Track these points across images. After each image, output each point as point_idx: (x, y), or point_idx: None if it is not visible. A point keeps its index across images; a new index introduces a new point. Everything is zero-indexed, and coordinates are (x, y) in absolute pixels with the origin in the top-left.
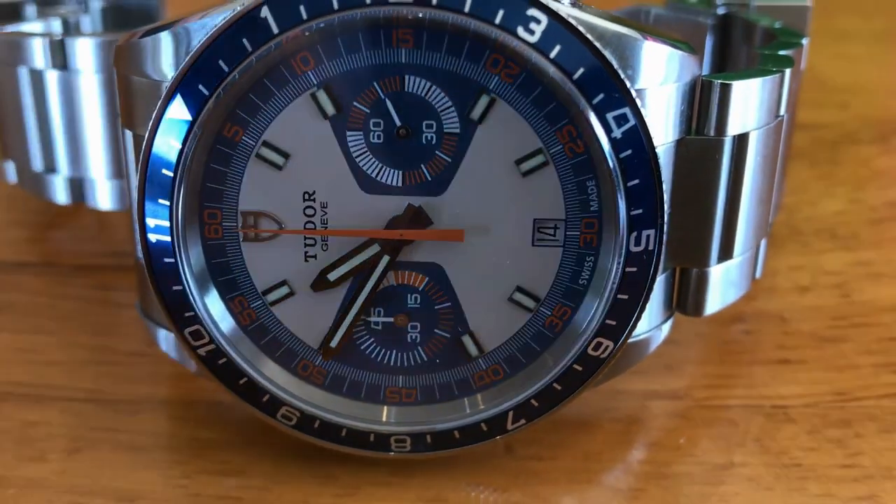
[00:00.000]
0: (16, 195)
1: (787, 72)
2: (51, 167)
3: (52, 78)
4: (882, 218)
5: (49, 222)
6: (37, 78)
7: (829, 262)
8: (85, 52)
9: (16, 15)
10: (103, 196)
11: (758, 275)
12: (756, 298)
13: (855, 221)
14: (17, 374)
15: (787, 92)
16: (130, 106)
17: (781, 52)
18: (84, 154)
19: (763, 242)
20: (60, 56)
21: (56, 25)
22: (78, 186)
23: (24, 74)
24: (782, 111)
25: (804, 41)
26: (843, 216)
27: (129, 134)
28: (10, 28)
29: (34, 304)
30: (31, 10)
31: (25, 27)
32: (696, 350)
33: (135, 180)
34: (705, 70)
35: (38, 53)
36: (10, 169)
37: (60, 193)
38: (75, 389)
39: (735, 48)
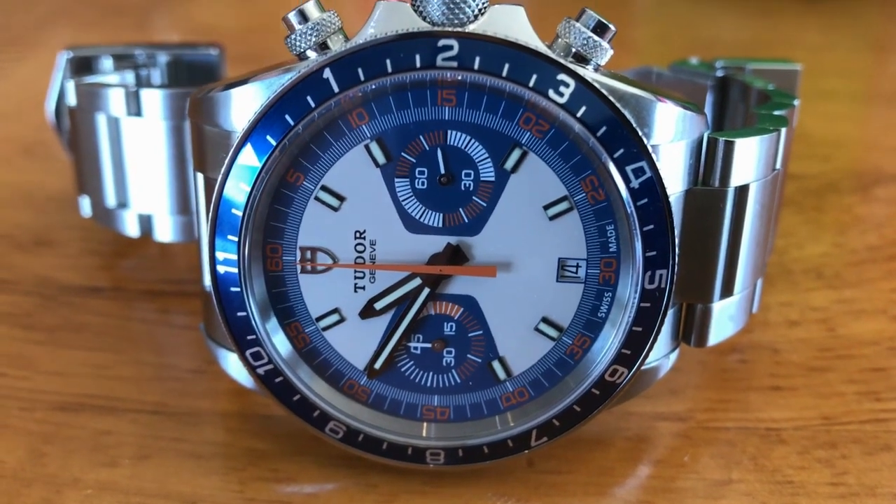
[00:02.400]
0: (89, 227)
1: (783, 130)
2: (122, 203)
3: (126, 124)
4: (862, 260)
5: (118, 251)
6: (113, 124)
7: (815, 299)
8: (155, 102)
9: (91, 67)
10: (166, 230)
11: (754, 310)
12: (751, 331)
13: (838, 263)
14: (91, 388)
15: (782, 148)
16: (203, 152)
17: (776, 113)
18: (151, 192)
19: (759, 281)
20: (135, 104)
21: (130, 77)
22: (146, 221)
23: (101, 120)
24: (778, 165)
25: (795, 102)
26: (827, 258)
27: (200, 176)
28: (91, 79)
29: (105, 325)
30: (107, 62)
31: (105, 79)
32: (697, 377)
33: (204, 218)
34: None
35: (116, 102)
36: (86, 203)
37: (131, 227)
38: (143, 402)
39: (733, 107)
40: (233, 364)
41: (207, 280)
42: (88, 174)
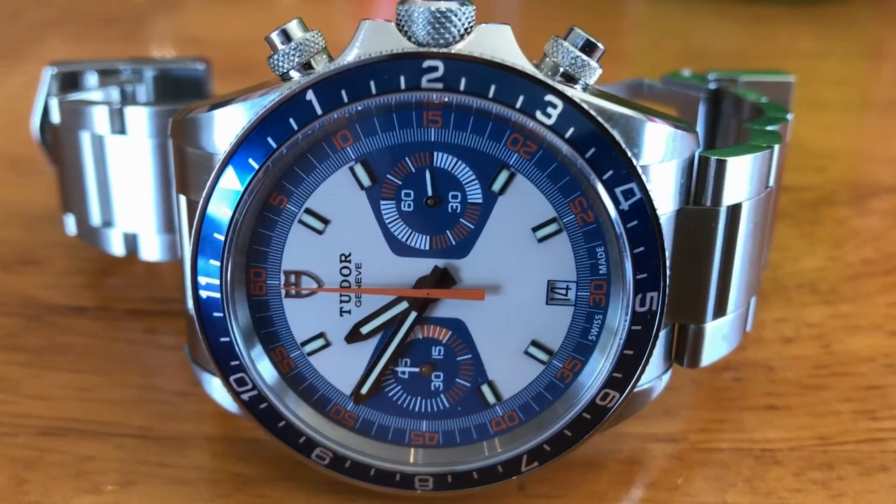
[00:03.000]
0: (74, 244)
1: (776, 147)
2: (108, 221)
3: (111, 142)
4: (858, 274)
5: (103, 270)
6: (97, 142)
7: (810, 314)
8: (140, 120)
9: (76, 83)
10: (152, 248)
11: (748, 328)
12: (745, 348)
13: (833, 277)
14: (75, 411)
15: (775, 165)
16: (185, 174)
17: (769, 128)
18: (137, 210)
19: (753, 299)
20: (119, 122)
21: (115, 94)
22: (131, 240)
23: (85, 138)
24: (771, 182)
25: (789, 116)
26: (822, 272)
27: (182, 198)
28: (75, 96)
29: (91, 346)
30: (92, 78)
31: (89, 96)
32: (691, 396)
33: (187, 241)
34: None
35: (101, 120)
36: (70, 222)
37: (116, 246)
38: (127, 426)
39: (725, 120)
40: (217, 388)
41: (190, 304)
42: (73, 192)
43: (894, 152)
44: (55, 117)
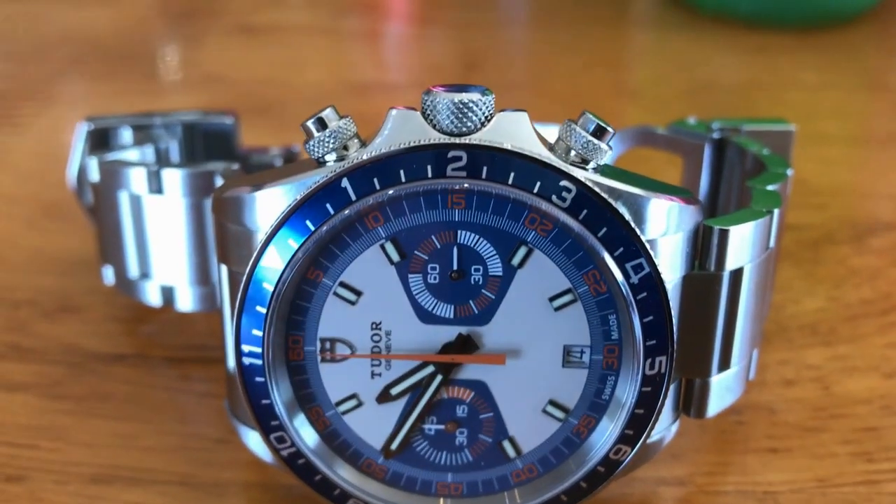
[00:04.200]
0: (110, 291)
1: (776, 211)
2: (145, 273)
3: (148, 201)
4: (856, 315)
5: (138, 317)
6: (135, 201)
7: (810, 356)
8: (176, 181)
9: (110, 138)
10: (187, 300)
11: (751, 377)
12: (748, 392)
13: (833, 318)
14: (120, 458)
15: (776, 227)
16: (226, 246)
17: (770, 188)
18: (173, 264)
19: (755, 351)
20: (156, 183)
21: (149, 153)
22: (168, 291)
23: (123, 197)
24: (771, 244)
25: (789, 172)
26: (822, 313)
27: (224, 268)
28: (113, 156)
29: (131, 394)
30: (126, 133)
31: (126, 155)
32: (697, 439)
33: (228, 306)
34: (703, 182)
35: (138, 181)
36: (109, 273)
37: (153, 297)
38: (170, 473)
39: (728, 169)
40: (254, 440)
41: (231, 363)
42: (111, 245)
43: (893, 188)
44: (94, 175)
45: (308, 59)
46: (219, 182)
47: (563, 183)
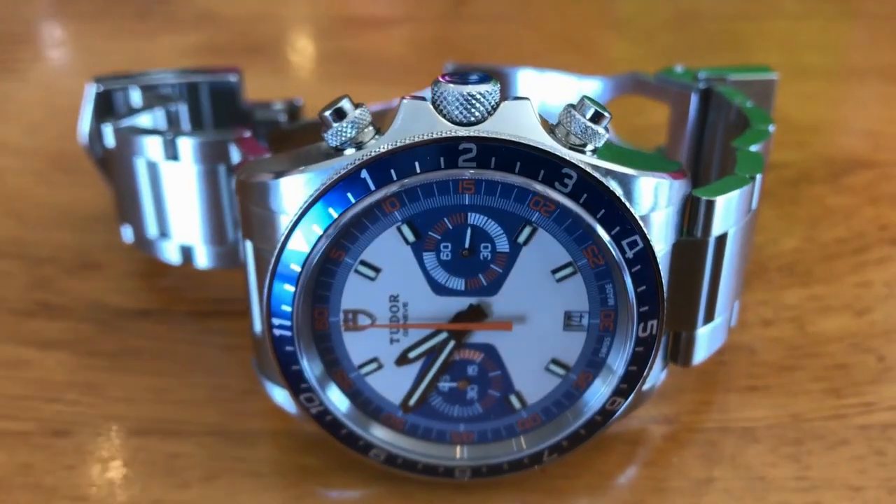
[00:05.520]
0: (127, 248)
1: (759, 176)
2: (163, 233)
3: (164, 167)
4: (831, 255)
5: (157, 272)
6: (152, 167)
7: (788, 297)
8: (190, 148)
9: (112, 100)
10: (204, 258)
11: (733, 324)
12: (730, 333)
13: (809, 259)
14: (156, 412)
15: (758, 189)
16: (250, 225)
17: (753, 149)
18: (189, 225)
19: (737, 303)
20: (172, 150)
21: (161, 117)
22: (187, 250)
23: (140, 163)
24: (754, 206)
25: (771, 128)
26: (799, 254)
27: (249, 244)
28: (127, 122)
29: (159, 349)
30: (135, 94)
31: (139, 120)
32: (682, 379)
33: (254, 278)
34: (689, 128)
35: (154, 149)
36: (128, 232)
37: (172, 255)
38: (203, 424)
39: (714, 117)
40: (280, 395)
41: (258, 327)
42: (129, 207)
43: (869, 123)
44: (110, 141)
45: None
46: (232, 150)
47: (565, 170)
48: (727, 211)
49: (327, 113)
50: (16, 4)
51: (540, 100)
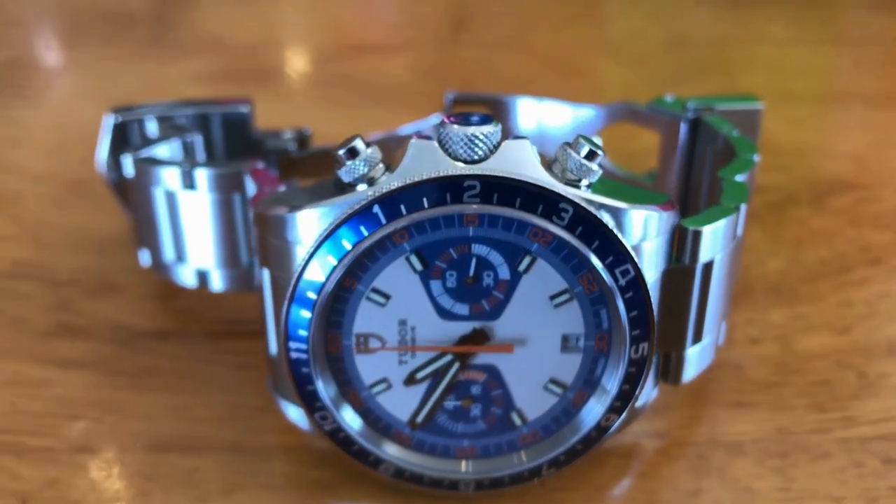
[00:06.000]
0: (144, 270)
1: (743, 206)
2: (180, 257)
3: (182, 196)
4: (815, 275)
5: (172, 294)
6: (170, 196)
7: (773, 316)
8: (207, 179)
9: (134, 129)
10: (218, 281)
11: (720, 343)
12: (718, 351)
13: (793, 279)
14: (175, 428)
15: (742, 217)
16: (267, 254)
17: (739, 178)
18: (205, 250)
19: (723, 324)
20: (189, 180)
21: (177, 147)
22: (202, 274)
23: (158, 192)
24: (739, 233)
25: (756, 158)
26: (784, 275)
27: (266, 272)
28: (146, 153)
29: (177, 369)
30: (152, 125)
31: (156, 151)
32: (673, 395)
33: (269, 302)
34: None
35: (172, 179)
36: (145, 256)
37: (188, 278)
38: (220, 440)
39: (702, 144)
40: (293, 412)
41: (274, 349)
42: (147, 232)
43: (851, 146)
44: (128, 171)
45: (300, 19)
46: (246, 179)
47: (562, 205)
48: (713, 239)
49: (341, 152)
50: (29, 32)
51: (538, 125)
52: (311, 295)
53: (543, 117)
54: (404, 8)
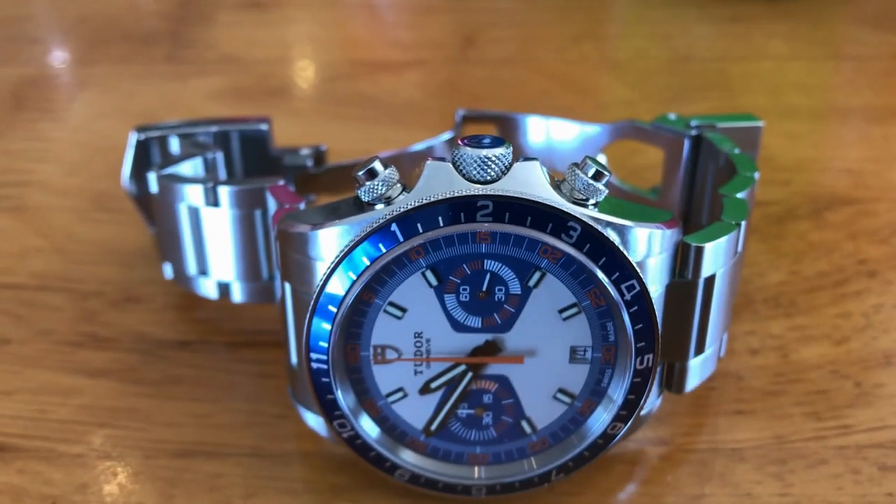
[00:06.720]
0: (166, 282)
1: (743, 223)
2: (203, 271)
3: (205, 212)
4: (813, 287)
5: (193, 305)
6: (193, 212)
7: (773, 327)
8: (229, 195)
9: (158, 146)
10: (239, 293)
11: (721, 354)
12: (720, 361)
13: (793, 291)
14: (197, 435)
15: (743, 234)
16: (289, 270)
17: (739, 196)
18: (226, 264)
19: (725, 335)
20: (213, 197)
21: (199, 165)
22: (224, 287)
23: (182, 208)
24: (739, 248)
25: (756, 175)
26: (784, 286)
27: (287, 286)
28: (170, 171)
29: (199, 377)
30: (174, 142)
31: (180, 169)
32: (676, 403)
33: (291, 315)
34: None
35: (196, 196)
36: (168, 269)
37: (211, 291)
38: (241, 446)
39: (704, 161)
40: (312, 419)
41: (294, 359)
42: (170, 246)
43: (849, 162)
44: (153, 187)
45: (315, 36)
46: (267, 196)
47: (570, 223)
48: (715, 255)
49: (360, 173)
50: (51, 49)
51: (546, 141)
52: (332, 308)
53: (552, 133)
54: (414, 26)
